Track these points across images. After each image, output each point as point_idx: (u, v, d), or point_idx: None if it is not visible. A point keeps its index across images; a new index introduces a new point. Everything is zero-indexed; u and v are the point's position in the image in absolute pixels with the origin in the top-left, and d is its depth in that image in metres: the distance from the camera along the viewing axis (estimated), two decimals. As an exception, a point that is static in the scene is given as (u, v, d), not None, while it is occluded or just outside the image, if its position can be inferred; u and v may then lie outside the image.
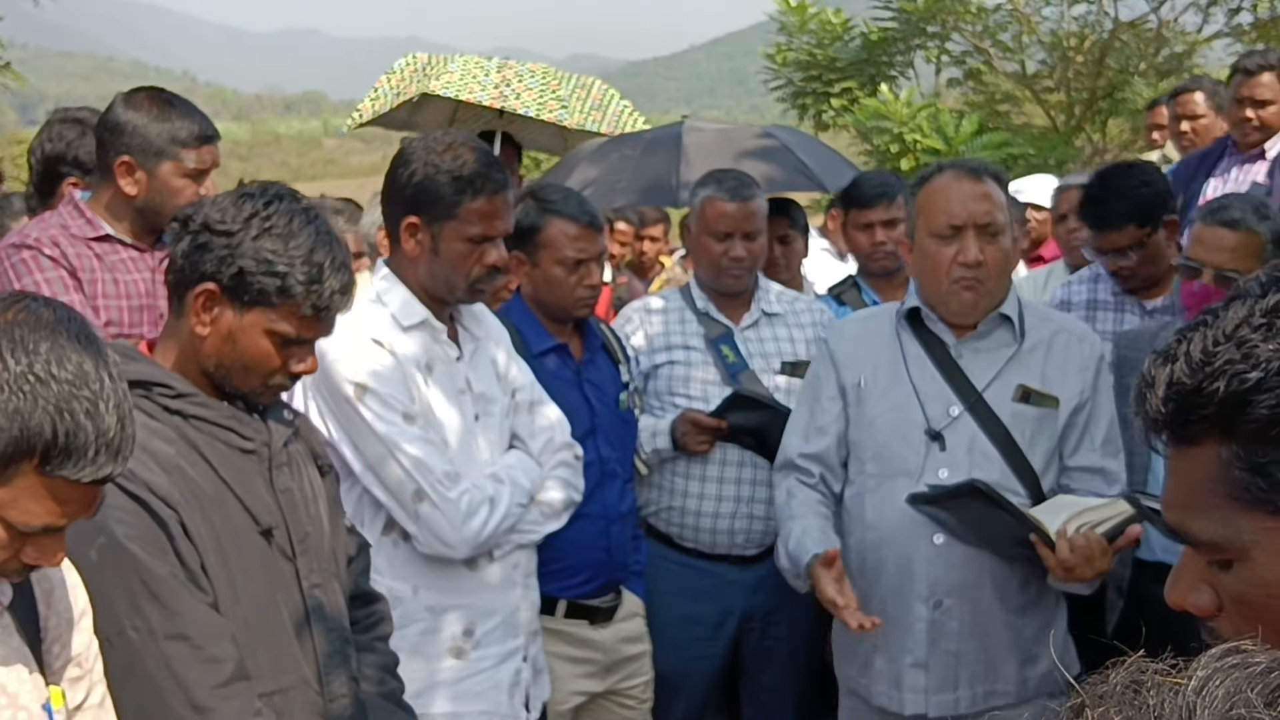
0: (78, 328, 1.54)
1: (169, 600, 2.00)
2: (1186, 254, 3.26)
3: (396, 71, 7.04)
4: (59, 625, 1.77)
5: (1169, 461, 1.11)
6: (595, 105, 6.65)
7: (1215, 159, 5.12)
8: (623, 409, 3.46)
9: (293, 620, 2.20)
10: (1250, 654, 0.69)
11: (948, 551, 2.82)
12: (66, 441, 1.48)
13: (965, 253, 2.80)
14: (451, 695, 2.83)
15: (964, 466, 2.80)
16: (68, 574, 1.81)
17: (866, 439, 2.93)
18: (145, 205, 3.15)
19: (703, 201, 3.69)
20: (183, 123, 3.13)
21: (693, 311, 3.73)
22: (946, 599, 2.82)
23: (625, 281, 5.89)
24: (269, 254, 2.09)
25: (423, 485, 2.70)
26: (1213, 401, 1.03)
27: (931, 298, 2.90)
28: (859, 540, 2.93)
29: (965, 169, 2.90)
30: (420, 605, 2.80)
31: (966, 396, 2.86)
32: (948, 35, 11.66)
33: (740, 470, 3.61)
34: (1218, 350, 1.02)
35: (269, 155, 70.25)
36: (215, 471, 2.12)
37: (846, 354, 3.01)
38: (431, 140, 2.81)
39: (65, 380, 1.48)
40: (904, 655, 2.86)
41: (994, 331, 2.91)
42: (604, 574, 3.31)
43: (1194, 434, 1.06)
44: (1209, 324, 1.05)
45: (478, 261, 2.77)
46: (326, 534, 2.30)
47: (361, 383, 2.69)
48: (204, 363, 2.15)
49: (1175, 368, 1.05)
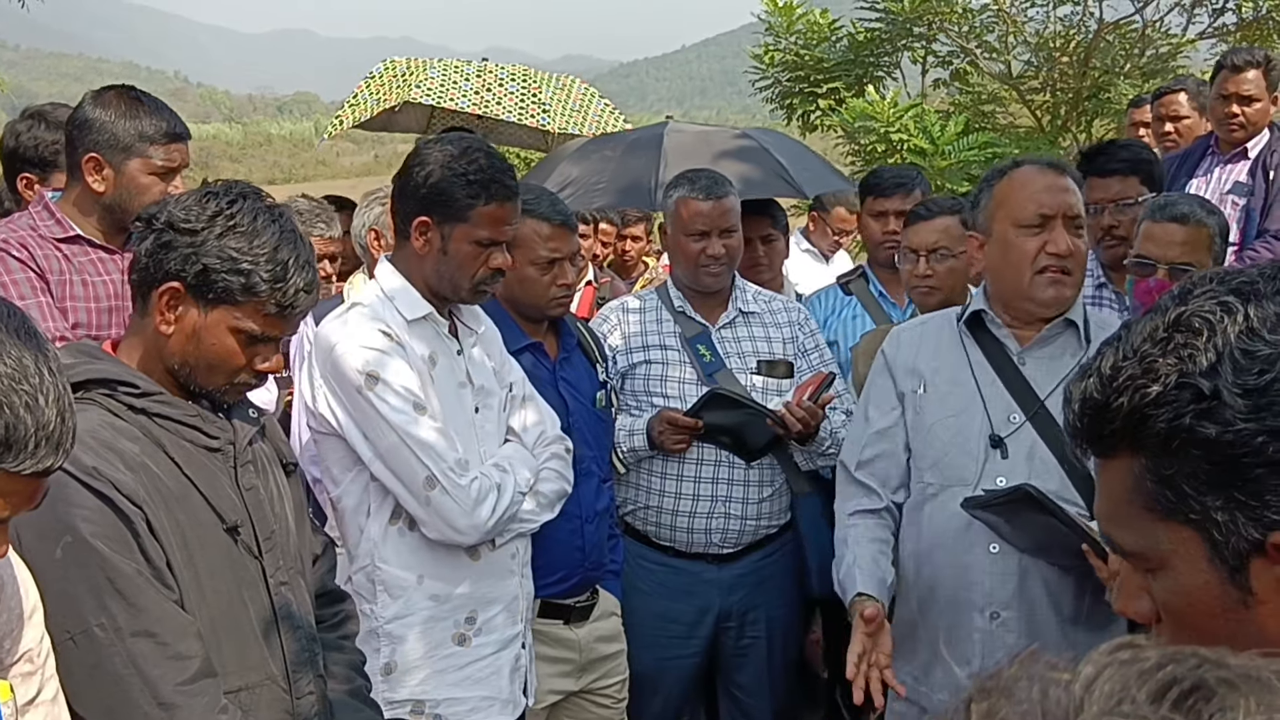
0: (17, 323, 1.55)
1: (135, 597, 2.01)
2: (1138, 252, 3.27)
3: (375, 77, 7.05)
4: (9, 621, 1.78)
5: (1095, 474, 1.13)
6: (576, 107, 6.66)
7: (1197, 158, 5.13)
8: (599, 408, 3.48)
9: (259, 618, 2.20)
10: (1141, 649, 0.68)
11: (1004, 561, 2.76)
12: (6, 434, 1.49)
13: (1056, 243, 2.71)
14: (455, 681, 2.89)
15: (1023, 475, 2.73)
16: (17, 569, 1.82)
17: (925, 447, 2.86)
18: (113, 203, 3.15)
19: (677, 202, 3.71)
20: (151, 120, 3.12)
21: (669, 311, 3.74)
22: (1003, 611, 2.76)
23: (608, 281, 5.89)
24: (233, 252, 2.10)
25: (434, 472, 2.74)
26: (1119, 415, 1.05)
27: (1012, 291, 2.79)
28: (915, 548, 2.88)
29: (1044, 163, 2.83)
30: (424, 593, 2.85)
31: (1028, 405, 2.77)
32: (934, 36, 11.66)
33: (716, 469, 3.62)
34: (1123, 365, 1.05)
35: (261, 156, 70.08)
36: (180, 469, 2.12)
37: (904, 361, 2.92)
38: (448, 143, 2.87)
39: (4, 374, 1.49)
40: (962, 664, 2.80)
41: (1058, 338, 2.82)
42: (579, 572, 3.32)
43: (1108, 447, 1.08)
44: (1122, 339, 1.07)
45: (484, 264, 2.83)
46: (292, 532, 2.31)
47: (372, 372, 2.74)
48: (169, 361, 2.15)
49: (1089, 383, 1.08)
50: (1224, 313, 1.02)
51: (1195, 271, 3.11)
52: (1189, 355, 1.01)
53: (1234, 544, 1.02)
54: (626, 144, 5.46)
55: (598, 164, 5.28)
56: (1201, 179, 5.06)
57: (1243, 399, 0.99)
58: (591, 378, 3.49)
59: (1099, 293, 3.90)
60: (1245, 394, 0.99)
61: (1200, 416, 1.00)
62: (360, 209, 4.16)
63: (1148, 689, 0.65)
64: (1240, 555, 1.02)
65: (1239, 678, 0.66)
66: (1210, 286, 1.05)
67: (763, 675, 3.79)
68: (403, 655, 2.85)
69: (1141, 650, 0.68)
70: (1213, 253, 3.21)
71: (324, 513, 3.11)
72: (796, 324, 3.81)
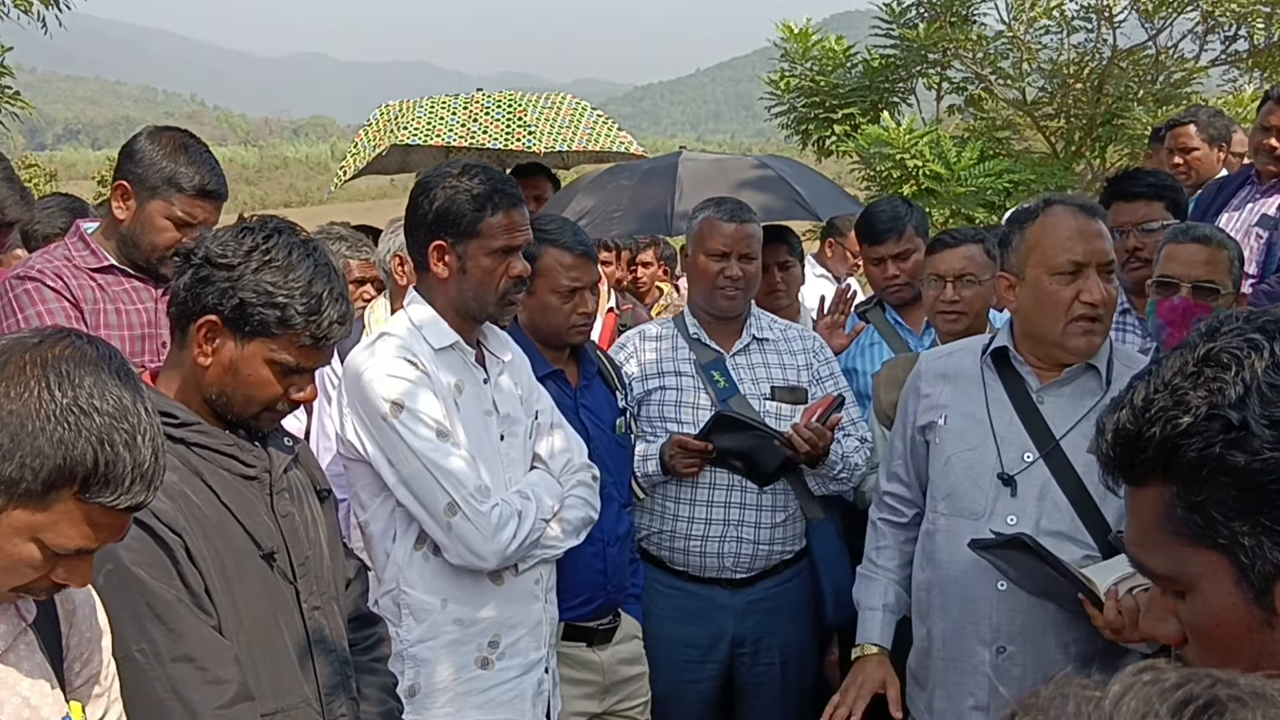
0: (118, 364, 1.63)
1: (174, 623, 2.07)
2: (1161, 272, 3.33)
3: (372, 124, 7.14)
4: (80, 644, 1.85)
5: (1127, 501, 1.19)
6: (565, 124, 6.68)
7: (1235, 188, 5.11)
8: (619, 434, 3.53)
9: (294, 642, 2.26)
10: (1162, 671, 0.77)
11: (1011, 598, 2.78)
12: (106, 470, 1.56)
13: (1090, 291, 2.72)
14: (478, 704, 2.95)
15: (1033, 513, 2.75)
16: (90, 595, 1.89)
17: (940, 478, 2.90)
18: (127, 233, 3.23)
19: (701, 223, 3.78)
20: (187, 169, 3.18)
21: (685, 338, 3.80)
22: (1010, 645, 2.79)
23: (630, 308, 5.94)
24: (269, 286, 2.16)
25: (455, 498, 2.80)
26: (1151, 445, 1.12)
27: (1043, 336, 2.81)
28: (927, 578, 2.93)
29: (1077, 206, 2.83)
30: (449, 617, 2.91)
31: (1043, 443, 2.79)
32: (948, 63, 11.73)
33: (729, 494, 3.67)
34: (1155, 398, 1.12)
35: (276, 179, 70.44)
36: (218, 497, 2.19)
37: (929, 390, 2.97)
38: (445, 169, 2.96)
39: (107, 413, 1.56)
40: (966, 696, 2.85)
41: (1079, 378, 2.83)
42: (601, 596, 3.37)
43: (1140, 476, 1.15)
44: (1153, 373, 1.14)
45: (505, 274, 2.91)
46: (326, 558, 2.37)
47: (397, 400, 2.80)
48: (206, 391, 2.22)
49: (1121, 415, 1.15)
50: (1251, 349, 1.09)
51: (1218, 289, 3.18)
52: (1218, 388, 1.08)
53: (1260, 567, 1.08)
54: (641, 172, 5.53)
55: (613, 193, 5.35)
56: (1231, 213, 5.05)
57: (1270, 430, 1.06)
58: (611, 404, 3.55)
59: (1122, 319, 3.93)
60: (1272, 425, 1.06)
61: (1229, 446, 1.07)
62: (386, 234, 4.21)
63: (1168, 705, 0.74)
64: (1266, 578, 1.08)
65: (1248, 694, 0.75)
66: (1238, 324, 1.12)
67: (777, 702, 3.81)
68: (427, 678, 2.90)
69: (1162, 672, 0.77)
70: (1232, 275, 3.28)
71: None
72: (811, 351, 3.85)
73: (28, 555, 1.58)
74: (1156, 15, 10.62)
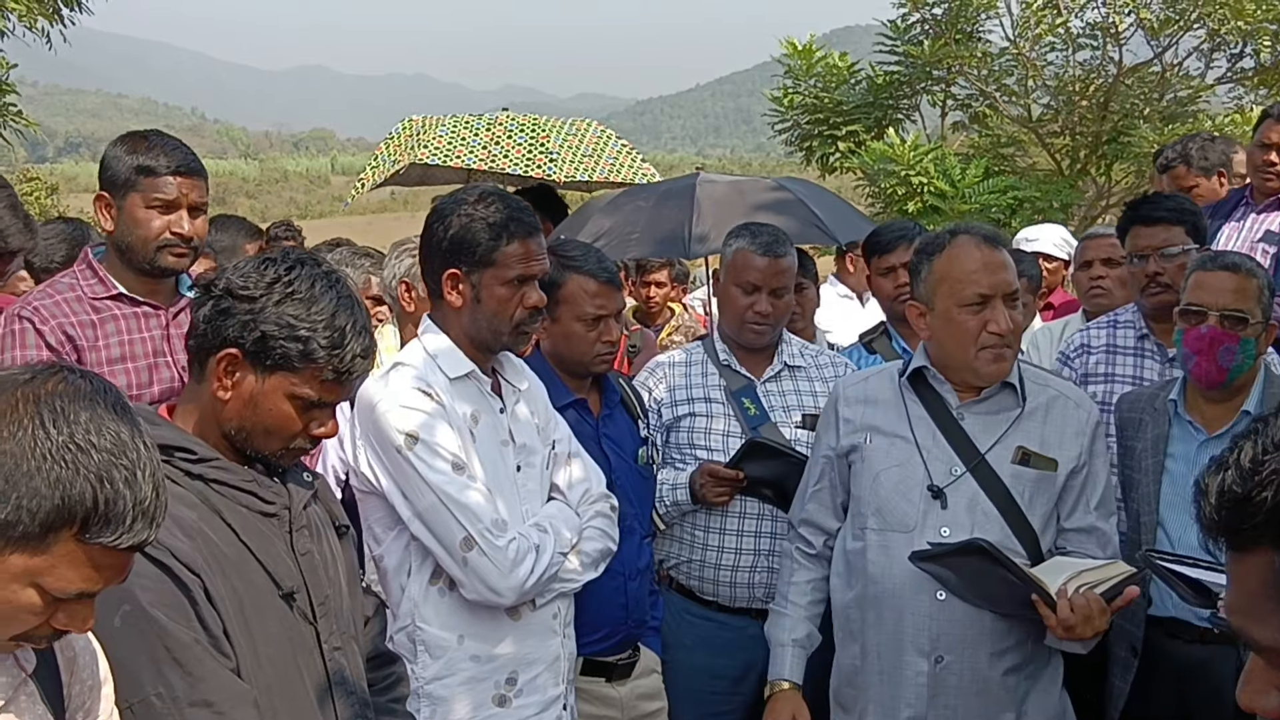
0: (114, 398, 1.56)
1: (192, 666, 2.00)
2: (1188, 300, 3.29)
3: (394, 137, 7.11)
4: (82, 693, 1.78)
5: (1228, 566, 1.11)
6: (588, 153, 6.65)
7: (1229, 209, 5.11)
8: (641, 464, 3.47)
9: (314, 683, 2.19)
10: None
11: (949, 608, 2.87)
12: (106, 509, 1.49)
13: (996, 322, 2.85)
14: None
15: (965, 525, 2.86)
16: (90, 642, 1.82)
17: (869, 494, 2.99)
18: (119, 241, 3.17)
19: (734, 253, 3.72)
20: (150, 155, 3.12)
21: (714, 364, 3.75)
22: (947, 655, 2.87)
23: (638, 329, 5.89)
24: (291, 319, 2.10)
25: (471, 533, 2.74)
26: (1262, 510, 1.04)
27: (956, 363, 2.94)
28: (860, 594, 2.98)
29: (981, 237, 2.95)
30: (465, 654, 2.84)
31: (969, 457, 2.91)
32: (953, 79, 11.74)
33: (759, 523, 3.61)
34: (1266, 459, 1.04)
35: (277, 192, 70.54)
36: (237, 535, 2.12)
37: (850, 415, 3.07)
38: (462, 194, 2.89)
39: (105, 449, 1.49)
40: (902, 708, 2.90)
41: (996, 395, 2.96)
42: (622, 630, 3.32)
43: (1247, 541, 1.07)
44: (1259, 432, 1.06)
45: (520, 304, 2.84)
46: (345, 596, 2.31)
47: (412, 432, 2.74)
48: (225, 426, 2.16)
49: (1227, 476, 1.07)
50: None
51: (1246, 318, 3.13)
52: None
53: None
54: (659, 195, 5.48)
55: (630, 215, 5.31)
56: (1235, 225, 5.03)
57: None
58: (633, 434, 3.49)
59: (1140, 344, 3.89)
60: None
61: None
62: (390, 260, 4.08)
63: None
64: None
65: None
66: None
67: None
68: (443, 716, 2.83)
69: None
70: (1261, 303, 3.23)
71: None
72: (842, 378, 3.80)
73: (27, 602, 1.51)
74: (1162, 33, 10.62)
